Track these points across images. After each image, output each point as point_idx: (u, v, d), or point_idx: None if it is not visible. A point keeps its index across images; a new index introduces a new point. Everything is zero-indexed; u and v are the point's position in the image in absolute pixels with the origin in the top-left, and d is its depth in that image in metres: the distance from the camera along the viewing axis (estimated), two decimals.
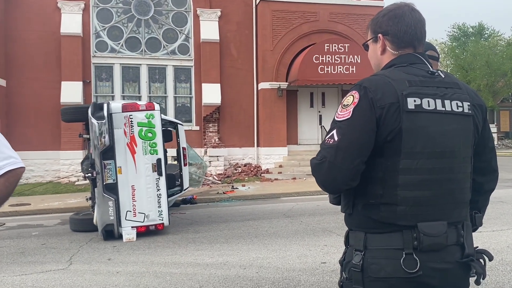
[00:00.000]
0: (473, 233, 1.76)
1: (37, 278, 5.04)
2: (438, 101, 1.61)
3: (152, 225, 7.14)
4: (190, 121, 16.15)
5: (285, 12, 16.01)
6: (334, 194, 1.71)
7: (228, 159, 16.03)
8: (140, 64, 15.94)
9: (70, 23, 15.03)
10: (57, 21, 14.99)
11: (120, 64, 15.79)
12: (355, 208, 1.68)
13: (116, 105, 7.03)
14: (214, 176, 14.97)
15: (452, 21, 64.08)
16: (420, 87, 1.61)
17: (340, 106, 1.66)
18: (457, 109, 1.64)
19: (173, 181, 8.40)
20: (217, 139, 15.88)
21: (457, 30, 40.89)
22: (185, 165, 7.59)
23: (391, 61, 1.73)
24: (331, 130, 1.63)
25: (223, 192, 12.30)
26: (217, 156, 15.64)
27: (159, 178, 7.18)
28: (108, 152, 6.82)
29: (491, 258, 1.75)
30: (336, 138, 1.58)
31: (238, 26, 16.38)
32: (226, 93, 16.03)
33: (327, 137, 1.64)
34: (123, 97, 15.79)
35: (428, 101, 1.59)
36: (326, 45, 15.36)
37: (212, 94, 15.76)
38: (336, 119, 1.64)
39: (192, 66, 16.16)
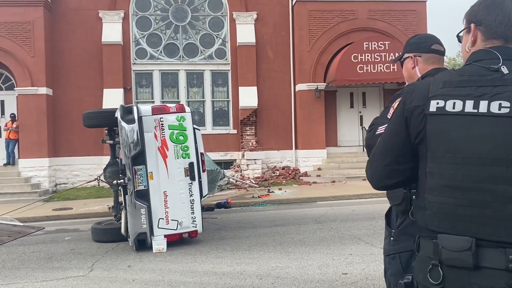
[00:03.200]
0: None
1: (56, 285, 5.12)
2: (469, 102, 1.45)
3: (185, 232, 6.89)
4: (228, 124, 16.17)
5: (322, 12, 15.66)
6: (377, 190, 1.81)
7: (266, 162, 15.89)
8: (179, 70, 16.15)
9: (111, 32, 15.50)
10: (98, 30, 15.49)
11: (159, 70, 16.08)
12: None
13: (146, 107, 6.86)
14: (251, 180, 14.87)
15: None
16: (455, 88, 1.50)
17: None
18: (499, 110, 1.41)
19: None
20: (254, 142, 15.77)
21: None
22: (203, 171, 7.43)
23: (467, 59, 1.62)
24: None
25: (258, 196, 12.17)
26: (255, 159, 15.54)
27: (191, 183, 6.91)
28: (139, 157, 6.58)
29: None
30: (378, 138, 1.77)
31: (274, 28, 16.22)
32: (263, 95, 15.91)
33: None
34: (163, 103, 16.05)
35: (454, 102, 1.47)
36: (365, 43, 14.87)
37: (249, 97, 15.68)
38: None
39: (229, 70, 16.17)
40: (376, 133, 2.39)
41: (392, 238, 2.47)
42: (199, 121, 16.17)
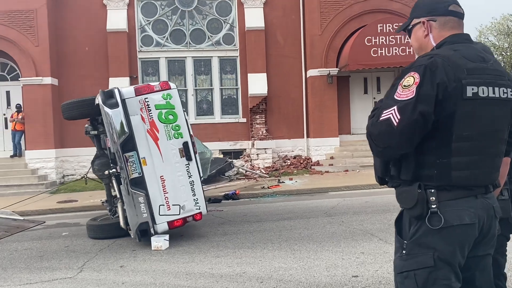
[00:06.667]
0: None
1: None
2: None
3: (189, 216, 6.42)
4: (237, 113, 15.66)
5: None
6: None
7: (276, 151, 15.37)
8: (185, 57, 15.65)
9: (116, 19, 15.06)
10: (103, 18, 15.06)
11: (166, 57, 15.61)
12: None
13: (128, 89, 6.34)
14: (262, 170, 14.39)
15: None
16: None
17: None
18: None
19: None
20: (264, 131, 15.26)
21: None
22: (195, 153, 6.92)
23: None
24: None
25: (268, 187, 11.69)
26: (265, 149, 15.03)
27: (189, 164, 6.46)
28: (128, 143, 6.07)
29: None
30: None
31: (284, 12, 15.57)
32: (273, 82, 15.34)
33: None
34: None
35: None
36: (379, 25, 14.13)
37: (258, 84, 15.13)
38: None
39: (237, 56, 15.61)
40: (380, 118, 1.88)
41: (404, 252, 1.97)
42: (207, 109, 15.72)
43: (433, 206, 1.85)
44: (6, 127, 15.15)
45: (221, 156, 14.83)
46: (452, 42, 1.96)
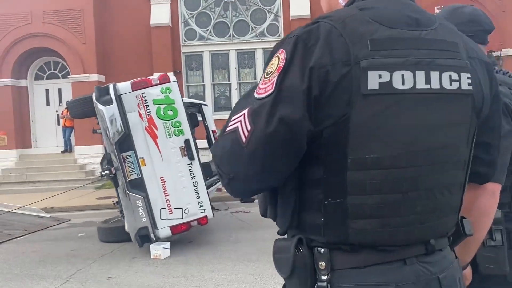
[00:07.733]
0: None
1: None
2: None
3: (193, 220, 5.93)
4: None
5: None
6: None
7: None
8: (229, 50, 15.19)
9: (159, 13, 14.93)
10: (147, 13, 15.00)
11: (209, 51, 15.25)
12: None
13: (124, 84, 5.93)
14: None
15: None
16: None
17: None
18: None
19: (209, 170, 6.99)
20: None
21: None
22: None
23: None
24: None
25: None
26: None
27: (191, 163, 5.97)
28: (125, 142, 5.69)
29: None
30: None
31: None
32: None
33: None
34: (213, 86, 15.28)
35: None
36: (436, 7, 12.71)
37: None
38: None
39: None
40: (226, 130, 1.15)
41: None
42: None
43: (322, 277, 1.10)
44: (59, 124, 15.66)
45: None
46: None
